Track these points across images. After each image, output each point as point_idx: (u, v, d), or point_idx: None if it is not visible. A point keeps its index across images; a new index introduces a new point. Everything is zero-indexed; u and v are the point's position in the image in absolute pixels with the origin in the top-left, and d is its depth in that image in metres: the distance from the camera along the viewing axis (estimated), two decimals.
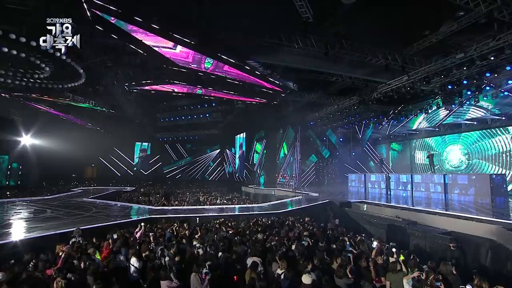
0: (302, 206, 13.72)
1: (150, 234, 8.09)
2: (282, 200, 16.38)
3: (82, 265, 5.51)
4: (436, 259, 7.84)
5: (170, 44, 10.09)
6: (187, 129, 32.96)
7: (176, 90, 16.37)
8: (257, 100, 18.01)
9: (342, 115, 21.23)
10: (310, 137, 25.87)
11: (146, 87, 15.71)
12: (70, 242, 7.10)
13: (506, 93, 15.59)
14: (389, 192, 16.75)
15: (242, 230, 8.97)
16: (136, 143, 39.17)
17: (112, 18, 9.04)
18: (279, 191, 21.15)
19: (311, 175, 25.75)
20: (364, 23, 12.72)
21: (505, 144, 16.89)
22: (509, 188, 15.63)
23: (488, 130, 17.71)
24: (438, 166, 19.91)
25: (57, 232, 8.55)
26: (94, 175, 36.14)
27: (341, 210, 13.61)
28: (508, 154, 16.72)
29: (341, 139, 26.71)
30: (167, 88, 15.90)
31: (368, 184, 19.46)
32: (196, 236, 8.19)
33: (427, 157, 16.88)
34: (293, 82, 15.34)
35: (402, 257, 5.96)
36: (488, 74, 13.45)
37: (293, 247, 7.04)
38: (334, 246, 7.34)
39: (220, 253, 6.69)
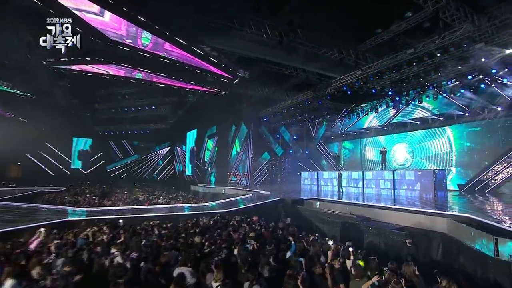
0: (251, 205, 12.62)
1: (54, 242, 6.20)
2: (231, 199, 15.13)
3: None
4: (392, 256, 7.27)
5: (95, 7, 8.19)
6: (132, 123, 29.81)
7: (111, 72, 14.09)
8: (203, 89, 16.43)
9: (295, 110, 20.85)
10: (263, 134, 25.13)
11: (74, 67, 13.19)
12: None
13: (444, 94, 16.28)
14: (341, 190, 16.43)
15: (175, 233, 7.46)
16: (74, 137, 34.73)
17: None
18: (230, 190, 20.12)
19: (263, 173, 24.98)
20: (320, 16, 12.42)
21: (443, 145, 17.64)
22: None
23: (429, 130, 18.44)
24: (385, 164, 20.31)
25: None
26: (19, 175, 31.10)
27: (293, 208, 12.79)
28: (445, 152, 17.50)
29: (294, 137, 26.35)
30: (100, 69, 13.56)
31: (320, 182, 19.13)
32: (117, 241, 6.50)
33: (380, 153, 16.98)
34: (243, 70, 14.16)
35: (361, 262, 5.02)
36: (432, 74, 13.83)
37: (236, 251, 5.77)
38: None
39: (142, 263, 5.17)
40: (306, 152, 26.04)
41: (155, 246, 6.06)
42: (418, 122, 18.98)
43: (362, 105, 19.91)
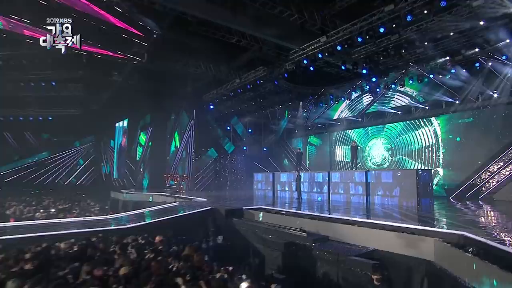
0: (163, 218, 10.24)
1: None
2: (141, 210, 12.73)
3: None
4: None
5: None
6: (38, 107, 25.31)
7: None
8: (110, 53, 13.82)
9: (248, 94, 19.10)
10: (210, 125, 23.06)
11: None
12: None
13: (431, 75, 15.31)
14: (300, 196, 14.77)
15: None
16: None
17: None
18: (159, 197, 17.80)
19: (209, 175, 22.85)
20: None
21: (428, 138, 16.75)
22: None
23: (412, 121, 17.47)
24: (360, 164, 19.23)
25: None
26: None
27: (227, 221, 10.63)
28: (431, 149, 16.52)
29: (249, 130, 24.77)
30: None
31: (277, 186, 17.32)
32: None
33: (350, 148, 16.03)
34: (156, 23, 11.91)
35: None
36: (416, 44, 12.51)
37: None
38: None
39: None
40: (265, 149, 24.71)
41: None
42: (400, 112, 17.99)
43: (331, 90, 18.86)
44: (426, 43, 12.33)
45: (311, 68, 14.41)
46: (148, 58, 17.41)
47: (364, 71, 14.81)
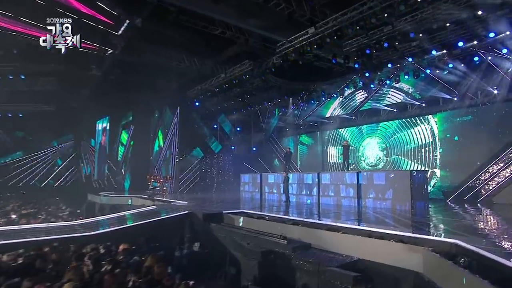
0: (134, 224, 9.81)
1: None
2: (119, 214, 12.32)
3: None
4: None
5: None
6: (9, 102, 24.52)
7: None
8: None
9: (235, 91, 18.77)
10: (195, 123, 22.67)
11: None
12: None
13: (428, 70, 15.01)
14: (288, 199, 14.45)
15: None
16: None
17: None
18: (138, 200, 17.44)
19: (194, 176, 22.39)
20: None
21: (425, 137, 16.48)
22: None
23: (408, 119, 17.19)
24: (353, 165, 18.95)
25: None
26: None
27: (205, 227, 10.23)
28: (427, 149, 16.27)
29: (238, 128, 24.40)
30: None
31: (264, 188, 16.97)
32: None
33: (342, 148, 15.83)
34: (133, 11, 11.48)
35: None
36: (411, 37, 12.10)
37: None
38: None
39: None
40: (254, 148, 24.31)
41: None
42: (395, 110, 17.71)
43: (323, 86, 18.54)
44: (421, 35, 11.95)
45: (300, 62, 14.01)
46: (126, 50, 17.02)
47: (356, 66, 14.42)
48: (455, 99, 15.03)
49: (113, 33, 12.07)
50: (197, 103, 21.28)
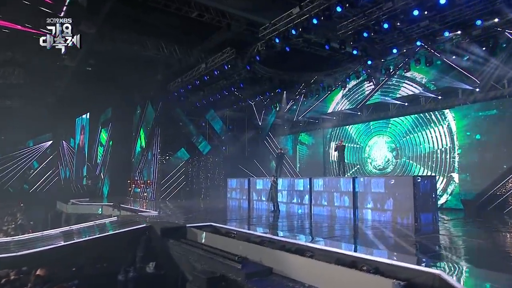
0: (74, 242, 9.37)
1: None
2: (68, 227, 11.98)
3: None
4: None
5: None
6: None
7: None
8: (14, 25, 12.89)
9: (221, 83, 18.72)
10: (179, 121, 22.35)
11: None
12: None
13: (443, 56, 14.50)
14: (277, 208, 13.99)
15: None
16: None
17: None
18: (108, 208, 17.39)
19: (179, 181, 22.02)
20: None
21: (441, 135, 15.86)
22: (441, 201, 14.77)
23: (421, 114, 16.59)
24: (358, 166, 18.40)
25: None
26: None
27: (163, 243, 9.67)
28: (444, 149, 15.69)
29: (229, 127, 24.21)
30: None
31: (252, 195, 16.63)
32: None
33: (335, 149, 15.75)
34: None
35: None
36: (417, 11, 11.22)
37: None
38: None
39: None
40: (249, 149, 24.18)
41: None
42: (406, 103, 17.17)
43: (321, 77, 18.47)
44: (426, 12, 11.04)
45: (287, 49, 13.35)
46: (97, 38, 16.64)
47: (355, 52, 13.67)
48: (477, 89, 14.54)
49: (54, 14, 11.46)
50: (182, 98, 21.06)
